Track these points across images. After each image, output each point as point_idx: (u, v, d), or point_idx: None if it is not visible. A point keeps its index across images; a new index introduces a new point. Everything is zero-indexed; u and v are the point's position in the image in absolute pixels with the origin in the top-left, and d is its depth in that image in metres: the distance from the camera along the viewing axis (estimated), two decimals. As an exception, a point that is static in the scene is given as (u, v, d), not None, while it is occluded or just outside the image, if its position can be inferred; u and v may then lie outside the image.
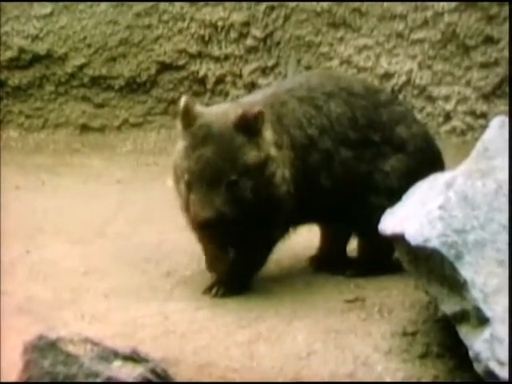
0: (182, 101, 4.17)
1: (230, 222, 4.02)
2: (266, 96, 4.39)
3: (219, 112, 4.20)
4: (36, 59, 6.72)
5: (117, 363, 3.39)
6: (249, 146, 4.08)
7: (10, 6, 6.64)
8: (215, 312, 4.06)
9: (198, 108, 4.20)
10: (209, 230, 4.07)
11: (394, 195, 4.16)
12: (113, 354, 3.42)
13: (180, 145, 4.18)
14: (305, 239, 4.56)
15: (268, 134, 4.17)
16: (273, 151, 4.16)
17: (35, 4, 6.66)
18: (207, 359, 3.71)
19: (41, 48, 6.71)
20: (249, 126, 4.08)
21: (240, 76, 6.62)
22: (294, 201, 4.22)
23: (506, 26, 6.28)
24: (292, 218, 4.28)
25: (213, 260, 4.34)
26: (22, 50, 6.71)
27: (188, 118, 4.14)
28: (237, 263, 4.28)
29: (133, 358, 3.43)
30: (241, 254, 4.25)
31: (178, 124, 4.22)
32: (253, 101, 4.35)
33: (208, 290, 4.26)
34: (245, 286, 4.27)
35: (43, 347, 3.37)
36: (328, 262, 4.53)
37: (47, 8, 6.67)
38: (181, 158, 4.12)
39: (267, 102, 4.30)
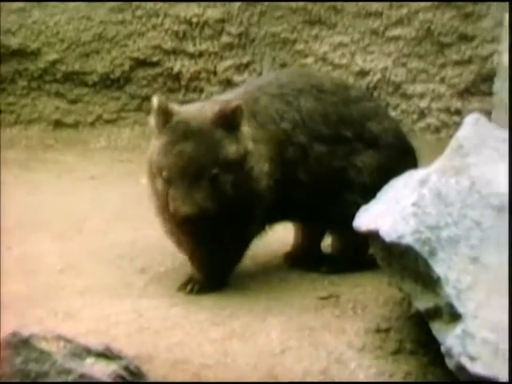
0: (156, 99, 4.14)
1: (210, 218, 4.01)
2: (239, 94, 4.39)
3: (196, 109, 4.20)
4: (8, 54, 6.66)
5: (90, 360, 3.37)
6: (228, 140, 4.07)
7: (-18, 1, 6.59)
8: (189, 309, 4.05)
9: (173, 106, 4.19)
10: (190, 226, 4.05)
11: (368, 191, 4.17)
12: (86, 351, 3.39)
13: (156, 142, 4.14)
14: (280, 235, 4.55)
15: (246, 128, 4.17)
16: (251, 146, 4.16)
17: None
18: (181, 356, 3.69)
19: (13, 42, 6.65)
20: (227, 120, 4.08)
21: (215, 73, 6.61)
22: (273, 195, 4.22)
23: (481, 23, 6.32)
24: (269, 213, 4.28)
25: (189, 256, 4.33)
26: (-7, 45, 6.65)
27: (164, 115, 4.11)
28: (213, 260, 4.27)
29: (106, 355, 3.41)
30: (217, 250, 4.24)
31: (152, 122, 4.19)
32: (226, 99, 4.34)
33: (183, 287, 4.25)
34: (221, 282, 4.27)
35: (16, 344, 3.35)
36: (302, 259, 4.53)
37: (19, 2, 6.61)
38: (158, 154, 4.09)
39: (241, 99, 4.30)
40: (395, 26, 6.42)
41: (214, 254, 4.25)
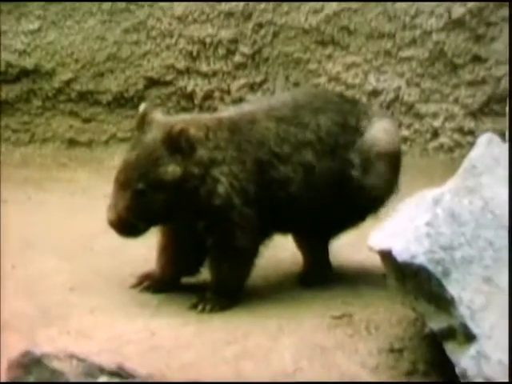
0: (142, 106, 4.29)
1: (142, 227, 4.18)
2: (239, 112, 4.40)
3: (164, 123, 4.24)
4: (23, 74, 6.70)
5: (102, 379, 3.37)
6: (167, 161, 4.12)
7: (-3, 22, 6.65)
8: (202, 328, 4.04)
9: (156, 115, 4.26)
10: (116, 231, 4.21)
11: (378, 197, 4.41)
12: (98, 370, 3.39)
13: None
14: (292, 255, 4.55)
15: (201, 152, 4.17)
16: (196, 170, 4.16)
17: (23, 19, 6.65)
18: (194, 375, 3.68)
19: (28, 63, 6.69)
20: (172, 142, 4.13)
21: (228, 92, 6.63)
22: (251, 212, 4.22)
23: (493, 45, 6.32)
24: (262, 228, 4.27)
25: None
26: (9, 65, 6.69)
27: (140, 122, 4.23)
28: (219, 278, 4.29)
29: (119, 373, 3.41)
30: (221, 269, 4.28)
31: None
32: (222, 115, 4.39)
33: (194, 307, 4.25)
34: (232, 300, 4.27)
35: (28, 364, 3.35)
36: (317, 276, 4.52)
37: (35, 24, 6.66)
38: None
39: (232, 118, 4.32)
40: (408, 47, 6.43)
41: (218, 273, 4.28)
